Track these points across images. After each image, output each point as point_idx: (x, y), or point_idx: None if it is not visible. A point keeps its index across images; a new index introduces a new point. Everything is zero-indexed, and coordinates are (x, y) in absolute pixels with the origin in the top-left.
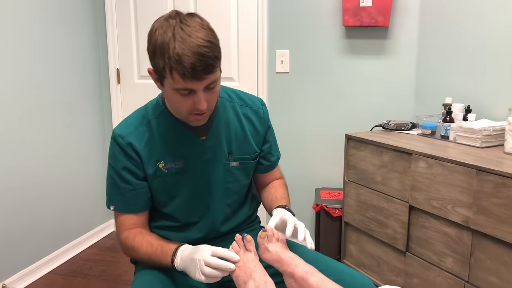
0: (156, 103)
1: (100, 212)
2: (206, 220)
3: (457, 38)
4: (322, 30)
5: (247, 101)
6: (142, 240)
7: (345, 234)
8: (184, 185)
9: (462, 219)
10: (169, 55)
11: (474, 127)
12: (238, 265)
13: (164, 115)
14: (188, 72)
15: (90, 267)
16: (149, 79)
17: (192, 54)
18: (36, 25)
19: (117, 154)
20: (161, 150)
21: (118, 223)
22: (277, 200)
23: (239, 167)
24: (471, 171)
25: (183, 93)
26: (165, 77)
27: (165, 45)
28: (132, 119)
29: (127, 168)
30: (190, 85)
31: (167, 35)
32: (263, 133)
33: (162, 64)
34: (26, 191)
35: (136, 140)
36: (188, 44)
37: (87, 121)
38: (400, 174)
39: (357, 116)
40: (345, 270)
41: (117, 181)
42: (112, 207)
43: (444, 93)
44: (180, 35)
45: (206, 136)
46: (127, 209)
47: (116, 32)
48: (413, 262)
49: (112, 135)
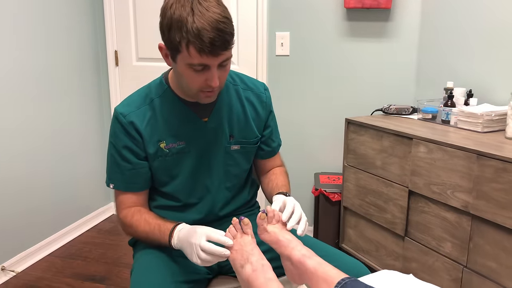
0: (160, 82)
1: (99, 195)
2: (205, 202)
3: (459, 22)
4: (323, 12)
5: (250, 84)
6: (140, 218)
7: (343, 219)
8: (185, 166)
9: (461, 204)
10: (187, 29)
11: (476, 112)
12: (235, 248)
13: (167, 95)
14: (207, 47)
15: (89, 250)
16: (148, 61)
17: (211, 29)
18: (32, 5)
19: (118, 133)
20: (163, 129)
21: (117, 201)
22: (277, 187)
23: (240, 150)
24: (472, 155)
25: (197, 69)
26: (180, 51)
27: (183, 19)
28: (135, 98)
29: (128, 147)
30: (206, 61)
31: (185, 9)
32: (264, 118)
33: (178, 38)
34: (25, 174)
35: (138, 119)
36: (207, 18)
37: (86, 104)
38: (400, 159)
39: (357, 100)
40: (342, 256)
41: (117, 159)
42: (111, 185)
43: (446, 77)
44: (199, 9)
45: (208, 117)
46: (127, 188)
47: (114, 14)
48: (412, 247)
49: (114, 113)
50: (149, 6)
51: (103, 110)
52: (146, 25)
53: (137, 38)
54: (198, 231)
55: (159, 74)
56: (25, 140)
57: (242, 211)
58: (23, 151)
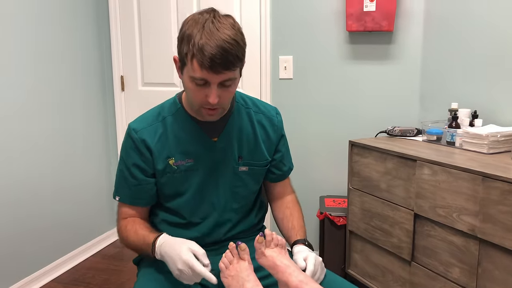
0: (173, 101)
1: (104, 220)
2: (210, 221)
3: (462, 42)
4: (325, 36)
5: (262, 108)
6: (132, 228)
7: (349, 243)
8: (192, 183)
9: (468, 228)
10: (193, 43)
11: (481, 133)
12: (231, 274)
13: (180, 113)
14: (207, 62)
15: (93, 276)
16: (153, 86)
17: (215, 46)
18: (39, 31)
19: (129, 150)
20: (173, 146)
21: (118, 212)
22: (294, 229)
23: (248, 172)
24: (477, 177)
25: (198, 83)
26: (186, 63)
27: (193, 34)
28: (148, 115)
29: (137, 164)
30: (206, 76)
31: (197, 26)
32: (275, 141)
33: (185, 50)
34: (29, 198)
35: (149, 135)
36: (214, 36)
37: (91, 128)
38: (404, 181)
39: (361, 122)
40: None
41: (126, 174)
42: (117, 197)
43: (450, 99)
44: (210, 27)
45: (218, 137)
46: (132, 202)
47: (120, 39)
48: (419, 272)
49: (127, 129)
50: (154, 33)
51: (108, 134)
52: (152, 51)
53: (143, 63)
54: (178, 257)
55: (163, 98)
56: (30, 164)
57: (247, 235)
58: (27, 176)
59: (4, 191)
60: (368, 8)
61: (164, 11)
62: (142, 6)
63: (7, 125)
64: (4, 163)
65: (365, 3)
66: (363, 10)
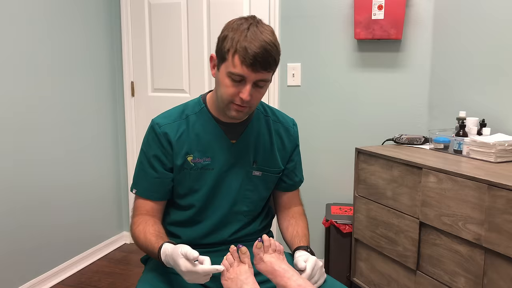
0: (197, 101)
1: (111, 224)
2: (217, 221)
3: (471, 51)
4: (333, 43)
5: (280, 118)
6: (142, 230)
7: (355, 251)
8: (206, 181)
9: (473, 237)
10: (238, 40)
11: (488, 141)
12: (230, 277)
13: (203, 113)
14: (249, 59)
15: (99, 279)
16: (163, 92)
17: (259, 46)
18: (52, 37)
19: (151, 142)
20: (193, 144)
21: (135, 206)
22: (298, 236)
23: (261, 177)
24: (482, 186)
25: (235, 79)
26: (226, 59)
27: (238, 32)
28: (172, 112)
29: (157, 156)
30: (245, 72)
31: (243, 27)
32: (290, 151)
33: (228, 46)
34: (38, 202)
35: (172, 131)
36: (257, 37)
37: (101, 133)
38: (410, 189)
39: (369, 130)
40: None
41: (145, 166)
42: (134, 190)
43: (458, 107)
44: (254, 30)
45: (236, 140)
46: (148, 195)
47: (131, 46)
48: (424, 281)
49: (151, 123)
50: (165, 40)
51: (118, 139)
52: (162, 58)
53: (153, 70)
54: (178, 258)
55: (173, 104)
56: (39, 168)
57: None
58: (37, 180)
59: (13, 194)
60: (376, 16)
61: (174, 18)
62: (153, 13)
63: (18, 129)
64: (14, 166)
65: (374, 11)
66: (372, 18)
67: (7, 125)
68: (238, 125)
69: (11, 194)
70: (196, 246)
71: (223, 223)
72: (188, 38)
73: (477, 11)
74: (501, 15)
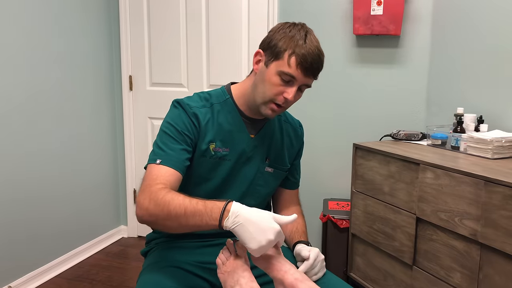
0: (221, 91)
1: (109, 218)
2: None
3: (470, 48)
4: (332, 39)
5: (289, 119)
6: (179, 195)
7: (352, 246)
8: (220, 172)
9: (470, 232)
10: (299, 44)
11: (485, 138)
12: (227, 270)
13: (228, 104)
14: (306, 63)
15: (96, 273)
16: (161, 87)
17: (315, 54)
18: (49, 31)
19: (183, 117)
20: (216, 132)
21: (152, 175)
22: (298, 232)
23: (272, 173)
24: (479, 182)
25: (285, 79)
26: (280, 57)
27: (298, 36)
28: (196, 98)
29: (188, 129)
30: (297, 75)
31: (300, 33)
32: (296, 150)
33: (286, 46)
34: (36, 196)
35: (201, 115)
36: (314, 45)
37: (99, 127)
38: (407, 185)
39: (367, 125)
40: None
41: (175, 136)
42: (158, 160)
43: (456, 103)
44: (310, 38)
45: (255, 135)
46: (175, 165)
47: (130, 39)
48: (420, 276)
49: (178, 103)
50: (163, 34)
51: (116, 132)
52: (160, 52)
53: (151, 64)
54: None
55: (171, 98)
56: (37, 162)
57: None
58: (35, 174)
59: (10, 188)
60: (375, 11)
61: (173, 12)
62: (151, 7)
63: (16, 124)
64: (13, 161)
65: (373, 7)
66: (370, 13)
67: (5, 118)
68: (259, 121)
69: (8, 188)
70: (200, 236)
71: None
72: (186, 33)
73: (475, 7)
74: (500, 12)
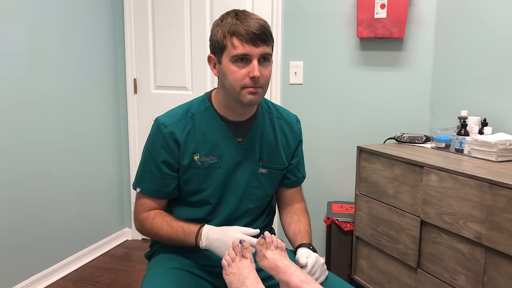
0: (202, 99)
1: (113, 221)
2: (223, 219)
3: (474, 51)
4: (336, 42)
5: (283, 114)
6: (162, 221)
7: (356, 249)
8: (213, 180)
9: (474, 235)
10: (231, 23)
11: (489, 140)
12: (233, 271)
13: (208, 111)
14: (249, 35)
15: (101, 275)
16: (165, 90)
17: (252, 23)
18: (55, 33)
19: (158, 145)
20: (199, 143)
21: (139, 203)
22: (301, 233)
23: (267, 175)
24: (484, 185)
25: (239, 63)
26: (225, 46)
27: (228, 19)
28: (177, 111)
29: (166, 161)
30: (248, 50)
31: (231, 14)
32: (294, 147)
33: (223, 34)
34: (40, 198)
35: (178, 130)
36: (248, 17)
37: (104, 130)
38: (411, 188)
39: (371, 128)
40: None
41: (151, 167)
42: (138, 189)
43: (460, 106)
44: (242, 14)
45: (243, 138)
46: (153, 195)
47: (134, 43)
48: (425, 279)
49: (156, 123)
50: (168, 37)
51: (121, 136)
52: (165, 55)
53: (156, 67)
54: (231, 230)
55: (175, 101)
56: (41, 165)
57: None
58: (39, 174)
59: (15, 190)
60: (379, 15)
61: (178, 15)
62: (156, 10)
63: (21, 124)
64: (18, 162)
65: (376, 10)
66: (374, 17)
67: (10, 119)
68: (244, 124)
69: (13, 190)
70: None
71: (230, 221)
72: (191, 36)
73: (479, 10)
74: (503, 15)
